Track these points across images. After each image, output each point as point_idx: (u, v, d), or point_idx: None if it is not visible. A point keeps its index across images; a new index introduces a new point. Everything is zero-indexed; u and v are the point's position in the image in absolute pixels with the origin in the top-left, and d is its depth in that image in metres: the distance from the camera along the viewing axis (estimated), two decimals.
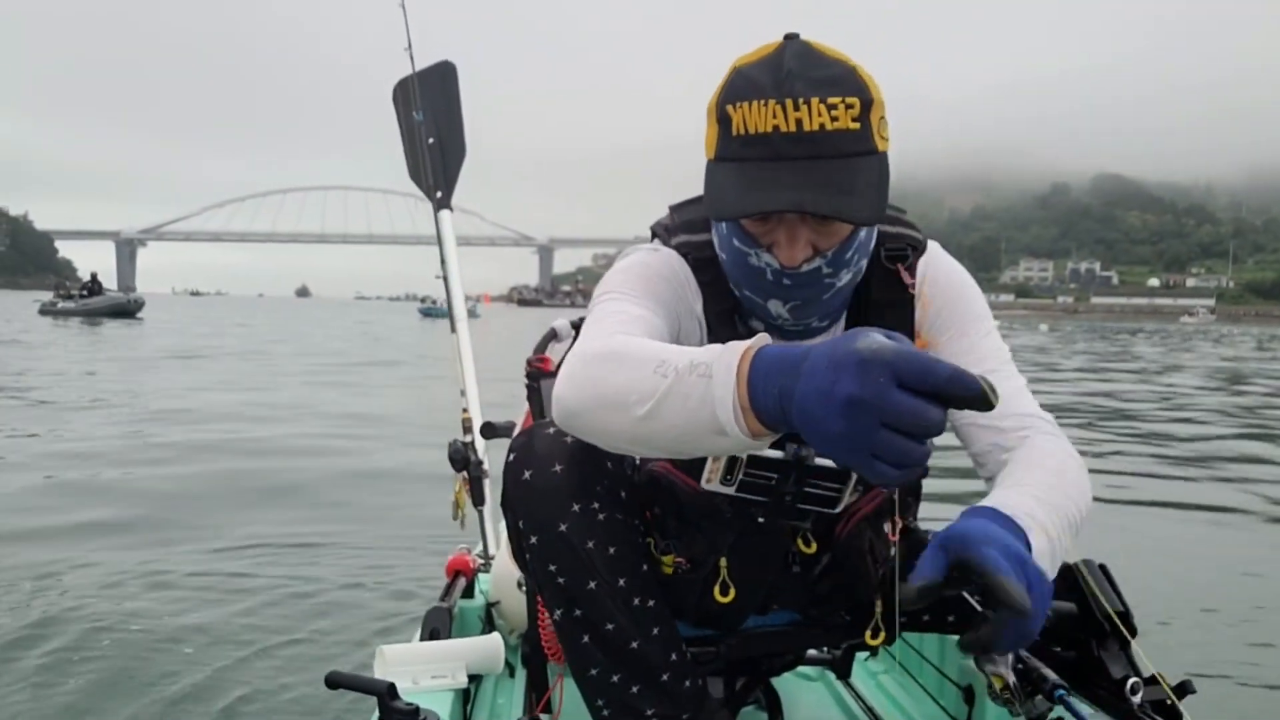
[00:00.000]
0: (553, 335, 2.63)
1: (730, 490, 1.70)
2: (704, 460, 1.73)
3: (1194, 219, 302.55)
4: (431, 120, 3.79)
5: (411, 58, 3.83)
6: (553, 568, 1.73)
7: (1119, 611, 1.96)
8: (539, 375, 2.56)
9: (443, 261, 3.72)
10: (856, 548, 1.91)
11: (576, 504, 1.69)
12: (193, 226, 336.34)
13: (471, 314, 3.71)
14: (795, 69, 1.48)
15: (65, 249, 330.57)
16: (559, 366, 2.57)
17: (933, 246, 1.87)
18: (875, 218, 1.54)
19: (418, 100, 3.78)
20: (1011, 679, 1.92)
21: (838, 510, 1.78)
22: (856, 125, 1.49)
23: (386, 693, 1.72)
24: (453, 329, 3.59)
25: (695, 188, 1.67)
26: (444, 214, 3.79)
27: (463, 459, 3.11)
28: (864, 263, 1.70)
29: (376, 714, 1.72)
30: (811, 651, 2.38)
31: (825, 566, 1.92)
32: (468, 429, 3.25)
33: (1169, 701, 1.94)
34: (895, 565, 1.90)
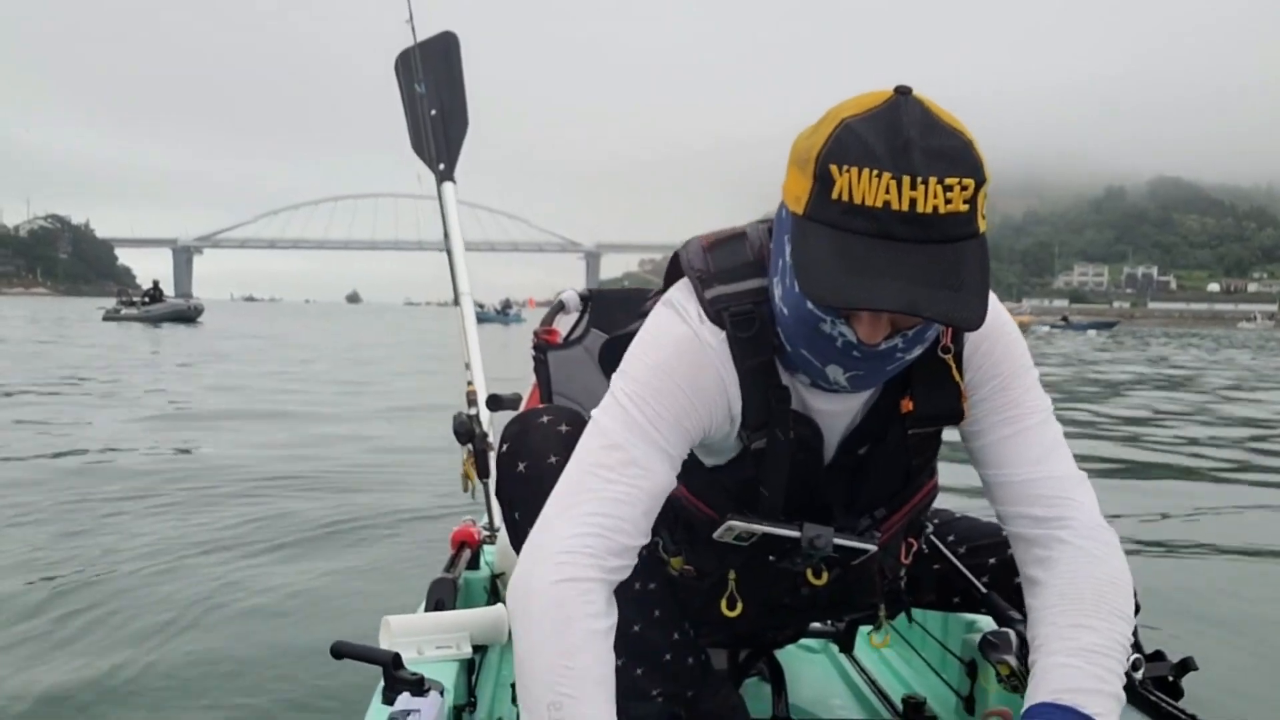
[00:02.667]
0: (560, 307, 2.64)
1: (744, 544, 1.77)
2: (718, 492, 1.78)
3: (1255, 222, 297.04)
4: (434, 92, 3.75)
5: (413, 29, 3.81)
6: None
7: None
8: (546, 347, 2.57)
9: (446, 235, 3.72)
10: (867, 571, 1.93)
11: None
12: (247, 234, 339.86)
13: (515, 318, 3.72)
14: (915, 137, 1.37)
15: (124, 256, 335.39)
16: (567, 338, 2.61)
17: None
18: (983, 319, 1.42)
19: (419, 72, 3.75)
20: (1016, 664, 1.90)
21: (857, 562, 1.84)
22: (966, 208, 1.40)
23: (391, 663, 1.72)
24: (455, 301, 3.58)
25: (740, 189, 1.55)
26: (447, 186, 3.77)
27: (468, 432, 3.09)
28: (934, 336, 1.63)
29: (381, 684, 1.72)
30: (815, 624, 2.37)
31: (833, 583, 1.91)
32: (472, 401, 3.24)
33: (1170, 678, 1.96)
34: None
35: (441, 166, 3.76)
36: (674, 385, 1.61)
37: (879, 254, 1.38)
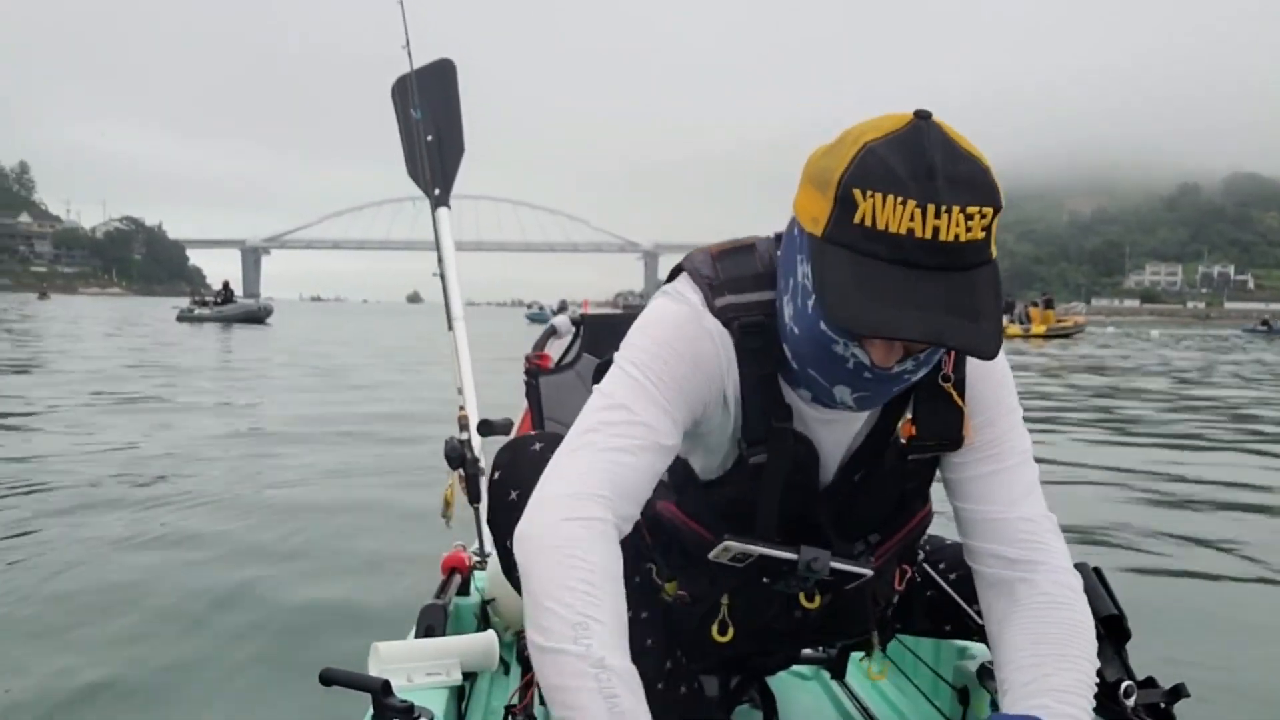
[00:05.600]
0: (552, 331, 2.65)
1: (739, 566, 1.77)
2: (711, 512, 1.79)
3: None
4: (430, 118, 3.78)
5: (409, 55, 3.83)
6: None
7: (1112, 615, 1.94)
8: (538, 372, 2.58)
9: (440, 259, 3.73)
10: (860, 597, 1.92)
11: None
12: (313, 235, 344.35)
13: None
14: (938, 164, 1.38)
15: (195, 257, 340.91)
16: (558, 363, 2.61)
17: None
18: (999, 349, 1.44)
19: (415, 98, 3.78)
20: None
21: (851, 586, 1.84)
22: (984, 235, 1.41)
23: (381, 690, 1.71)
24: (449, 326, 3.59)
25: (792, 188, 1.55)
26: (442, 212, 3.79)
27: (459, 456, 3.09)
28: (939, 359, 1.64)
29: (371, 711, 1.72)
30: (806, 651, 2.36)
31: (826, 609, 1.91)
32: (464, 426, 3.23)
33: (1162, 705, 1.91)
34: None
35: (437, 192, 3.78)
36: (675, 353, 1.63)
37: (899, 280, 1.39)
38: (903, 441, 1.73)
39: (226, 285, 55.08)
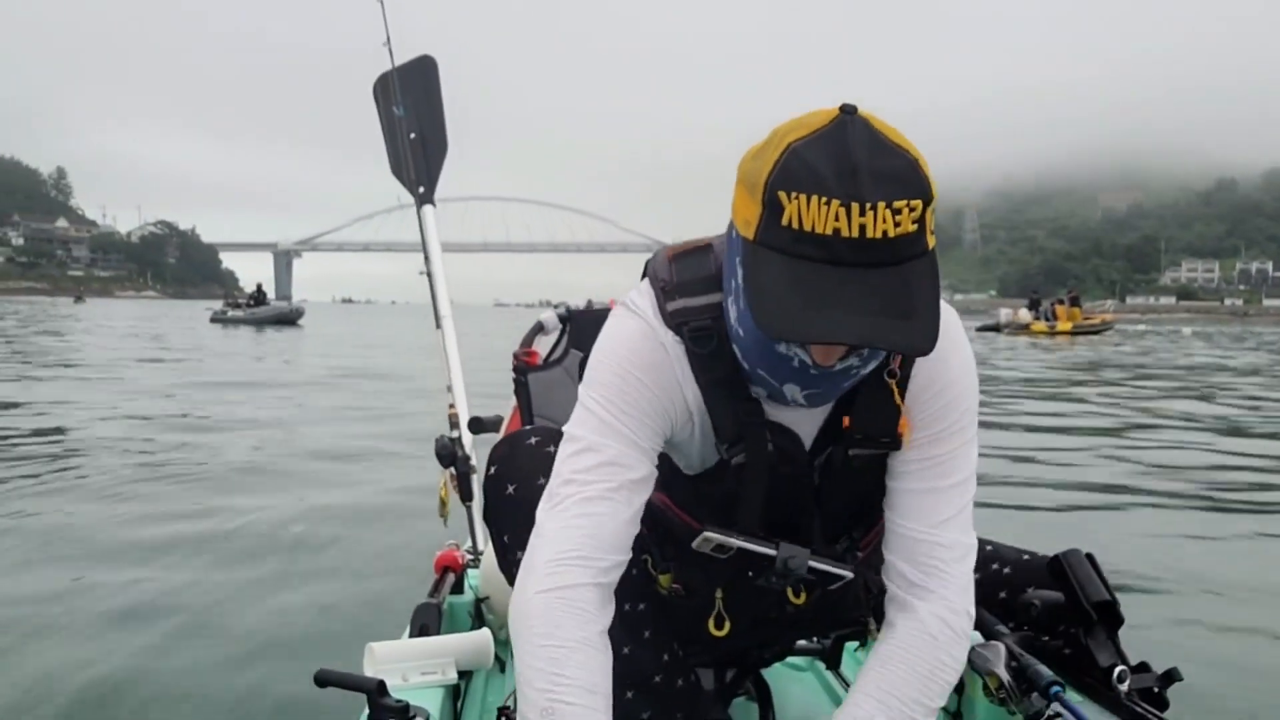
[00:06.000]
0: (539, 328, 2.64)
1: (721, 557, 1.78)
2: (700, 503, 1.81)
3: None
4: (413, 115, 3.80)
5: (390, 52, 3.86)
6: None
7: (1105, 601, 1.97)
8: (526, 369, 2.57)
9: (426, 258, 3.74)
10: (850, 589, 1.93)
11: None
12: (343, 238, 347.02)
13: None
14: (862, 161, 1.38)
15: (228, 260, 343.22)
16: (546, 359, 2.61)
17: (945, 321, 1.68)
18: (934, 345, 1.42)
19: (398, 95, 3.80)
20: (1006, 678, 1.92)
21: (834, 587, 1.85)
22: (915, 227, 1.40)
23: (376, 690, 1.72)
24: (437, 325, 3.60)
25: None
26: (427, 209, 3.80)
27: (450, 454, 3.10)
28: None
29: (366, 711, 1.72)
30: (801, 642, 2.37)
31: (817, 603, 1.92)
32: (454, 424, 3.25)
33: (1155, 689, 1.95)
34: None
35: (421, 190, 3.79)
36: (634, 379, 1.64)
37: (831, 282, 1.39)
38: (844, 433, 1.74)
39: (259, 288, 56.23)
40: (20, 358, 17.15)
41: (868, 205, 1.36)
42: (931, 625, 1.70)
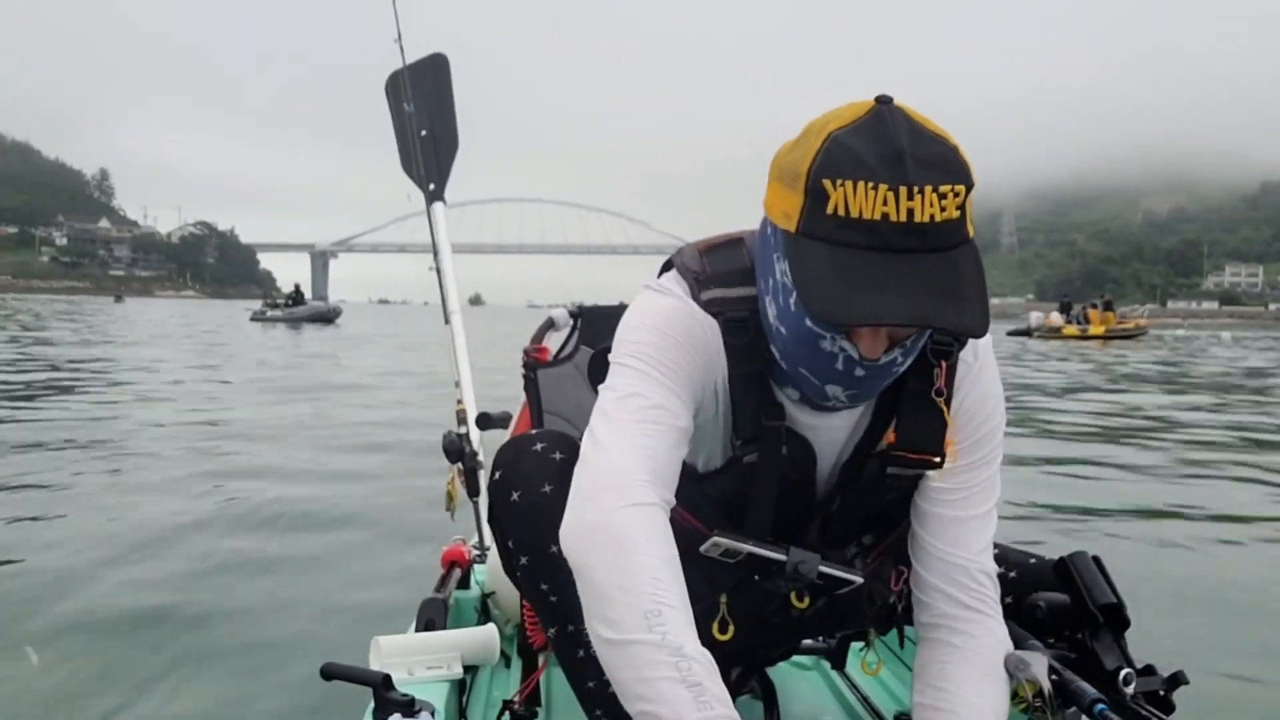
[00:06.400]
0: (550, 325, 2.64)
1: (730, 562, 1.77)
2: (707, 506, 1.79)
3: None
4: (424, 113, 3.80)
5: (401, 50, 3.87)
6: (544, 587, 1.75)
7: (1111, 603, 1.94)
8: (536, 365, 2.57)
9: (435, 254, 3.76)
10: (855, 598, 1.91)
11: None
12: (379, 239, 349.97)
13: None
14: (905, 147, 1.38)
15: (265, 261, 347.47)
16: (556, 356, 2.60)
17: (981, 348, 1.77)
18: (987, 327, 1.43)
19: (408, 92, 3.81)
20: (1047, 687, 1.87)
21: (842, 592, 1.85)
22: (958, 214, 1.40)
23: (382, 684, 1.72)
24: (446, 321, 3.61)
25: None
26: (437, 206, 3.81)
27: (457, 450, 3.10)
28: (924, 344, 1.64)
29: (372, 705, 1.73)
30: (807, 641, 2.36)
31: (822, 608, 1.91)
32: (462, 420, 3.25)
33: (1162, 692, 1.91)
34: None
35: (431, 187, 3.80)
36: (671, 340, 1.62)
37: (879, 267, 1.39)
38: (885, 448, 1.74)
39: (297, 288, 57.04)
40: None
41: (915, 189, 1.36)
42: (990, 656, 1.75)
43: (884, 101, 1.44)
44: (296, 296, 55.51)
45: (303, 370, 20.12)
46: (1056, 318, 49.83)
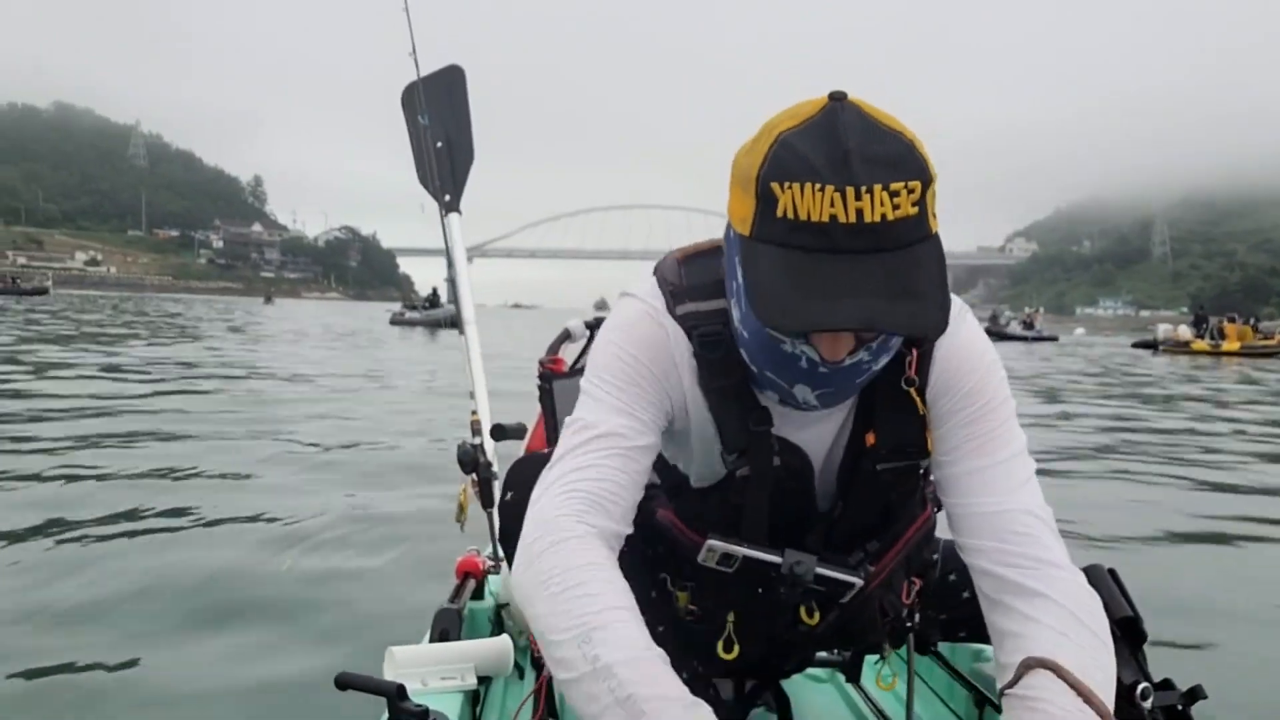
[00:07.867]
0: (566, 336, 2.64)
1: (728, 570, 1.75)
2: (705, 518, 1.78)
3: None
4: (439, 124, 3.82)
5: (416, 62, 3.89)
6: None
7: (1128, 617, 1.90)
8: (551, 376, 2.57)
9: (450, 264, 3.76)
10: (867, 609, 1.89)
11: None
12: (512, 244, 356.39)
13: None
14: (854, 147, 1.35)
15: (404, 265, 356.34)
16: (572, 367, 2.59)
17: (955, 317, 1.67)
18: (945, 325, 1.39)
19: (423, 104, 3.82)
20: None
21: (845, 600, 1.81)
22: (915, 210, 1.37)
23: (396, 694, 1.71)
24: (460, 331, 3.61)
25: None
26: (453, 217, 3.81)
27: (472, 461, 3.08)
28: (900, 342, 1.59)
29: (386, 715, 1.73)
30: (821, 653, 2.31)
31: (833, 623, 1.88)
32: (477, 431, 3.25)
33: (1179, 707, 1.87)
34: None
35: (447, 198, 3.82)
36: (629, 354, 1.64)
37: (830, 270, 1.36)
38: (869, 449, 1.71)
39: (435, 291, 57.53)
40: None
41: (863, 189, 1.33)
42: (1071, 607, 1.55)
43: (837, 98, 1.40)
44: (433, 299, 56.31)
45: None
46: (1185, 331, 46.42)
